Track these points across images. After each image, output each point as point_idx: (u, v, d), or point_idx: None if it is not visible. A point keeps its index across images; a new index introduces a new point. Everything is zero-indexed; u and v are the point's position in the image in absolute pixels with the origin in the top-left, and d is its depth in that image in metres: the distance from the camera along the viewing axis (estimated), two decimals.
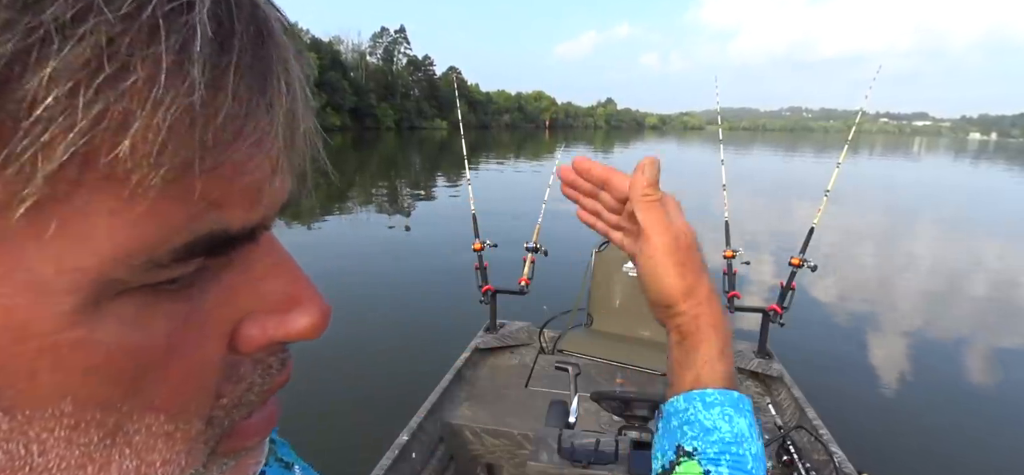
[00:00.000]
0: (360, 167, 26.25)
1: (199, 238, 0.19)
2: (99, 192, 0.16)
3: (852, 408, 4.07)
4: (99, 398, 0.19)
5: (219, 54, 0.18)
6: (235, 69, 0.18)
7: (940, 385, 4.78)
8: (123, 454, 0.21)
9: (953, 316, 6.55)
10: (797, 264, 3.01)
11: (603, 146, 57.97)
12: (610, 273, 3.43)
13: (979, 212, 16.24)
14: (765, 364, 3.06)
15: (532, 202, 0.92)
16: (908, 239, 11.42)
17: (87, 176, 0.16)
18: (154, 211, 0.17)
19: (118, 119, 0.16)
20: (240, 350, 0.23)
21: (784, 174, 28.23)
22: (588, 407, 2.51)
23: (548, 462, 1.58)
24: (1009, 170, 36.32)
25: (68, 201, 0.16)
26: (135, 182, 0.17)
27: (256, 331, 0.23)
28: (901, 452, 3.68)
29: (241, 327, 0.23)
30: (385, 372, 4.32)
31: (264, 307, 0.23)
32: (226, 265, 0.22)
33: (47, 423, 0.19)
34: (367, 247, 9.36)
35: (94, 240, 0.17)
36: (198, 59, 0.17)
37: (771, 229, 11.18)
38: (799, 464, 2.24)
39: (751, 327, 3.38)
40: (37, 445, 0.19)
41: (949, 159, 53.39)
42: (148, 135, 0.16)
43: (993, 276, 8.47)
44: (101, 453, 0.20)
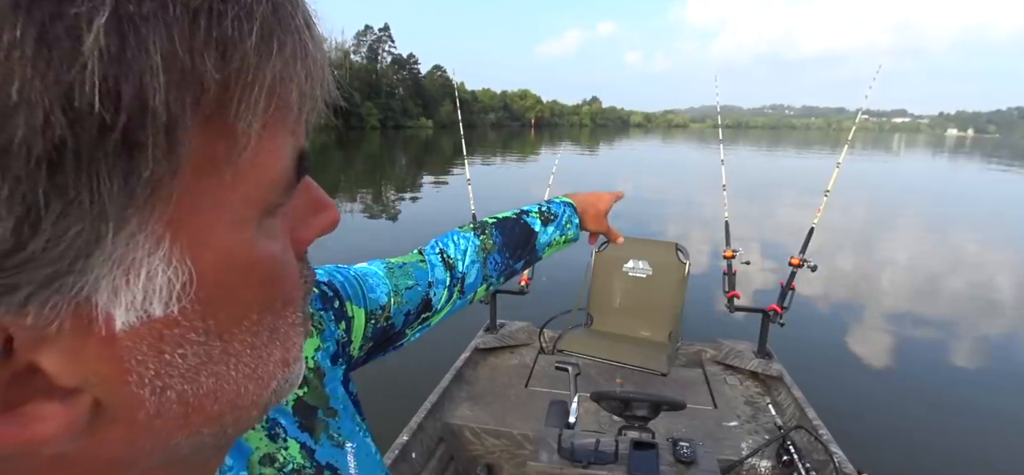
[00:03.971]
0: (346, 166, 26.08)
1: (297, 158, 0.23)
2: (271, 135, 0.21)
3: (852, 408, 4.09)
4: (269, 300, 0.24)
5: (310, 19, 0.22)
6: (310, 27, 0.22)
7: (940, 385, 4.82)
8: (275, 347, 0.24)
9: (953, 316, 6.61)
10: (797, 264, 3.02)
11: (589, 144, 58.11)
12: (610, 273, 3.43)
13: (974, 211, 16.42)
14: (765, 364, 3.07)
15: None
16: (908, 239, 11.53)
17: (271, 118, 0.20)
18: (287, 144, 0.22)
19: (286, 73, 0.20)
20: (298, 254, 0.27)
21: (770, 170, 28.66)
22: (588, 407, 2.51)
23: (548, 462, 1.58)
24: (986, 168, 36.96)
25: (256, 143, 0.20)
26: (292, 120, 0.22)
27: (305, 233, 0.28)
28: (901, 452, 3.70)
29: (294, 232, 0.27)
30: (385, 372, 4.31)
31: (304, 214, 0.28)
32: None
33: (243, 336, 0.23)
34: (367, 248, 9.28)
35: (266, 173, 0.21)
36: (311, 24, 0.22)
37: (763, 226, 11.27)
38: (799, 464, 2.26)
39: (751, 327, 3.39)
40: (235, 358, 0.23)
41: (929, 155, 54.33)
42: (302, 85, 0.21)
43: (994, 276, 8.57)
44: (265, 350, 0.24)
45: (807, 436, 2.45)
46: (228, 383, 0.22)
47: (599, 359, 3.12)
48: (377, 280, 0.61)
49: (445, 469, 2.57)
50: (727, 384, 3.05)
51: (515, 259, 0.79)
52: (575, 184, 1.39)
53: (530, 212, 0.82)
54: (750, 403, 2.87)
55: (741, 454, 2.40)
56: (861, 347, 5.51)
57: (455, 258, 0.72)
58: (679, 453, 1.58)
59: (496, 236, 0.77)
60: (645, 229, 10.42)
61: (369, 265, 0.64)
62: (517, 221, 0.80)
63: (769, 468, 2.41)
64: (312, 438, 0.43)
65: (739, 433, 2.59)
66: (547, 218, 0.82)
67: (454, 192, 16.05)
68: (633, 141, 73.40)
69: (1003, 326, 6.41)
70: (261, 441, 0.40)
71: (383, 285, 0.61)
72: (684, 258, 3.30)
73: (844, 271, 8.38)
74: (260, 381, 0.24)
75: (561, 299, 3.61)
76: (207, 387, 0.22)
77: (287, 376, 0.26)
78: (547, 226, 0.81)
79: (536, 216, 0.81)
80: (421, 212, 13.53)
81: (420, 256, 0.71)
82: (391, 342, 0.63)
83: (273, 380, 0.25)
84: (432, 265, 0.70)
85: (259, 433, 0.40)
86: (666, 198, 15.70)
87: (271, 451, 0.40)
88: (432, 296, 0.68)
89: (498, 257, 0.76)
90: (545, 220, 0.82)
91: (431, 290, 0.67)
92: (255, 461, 0.38)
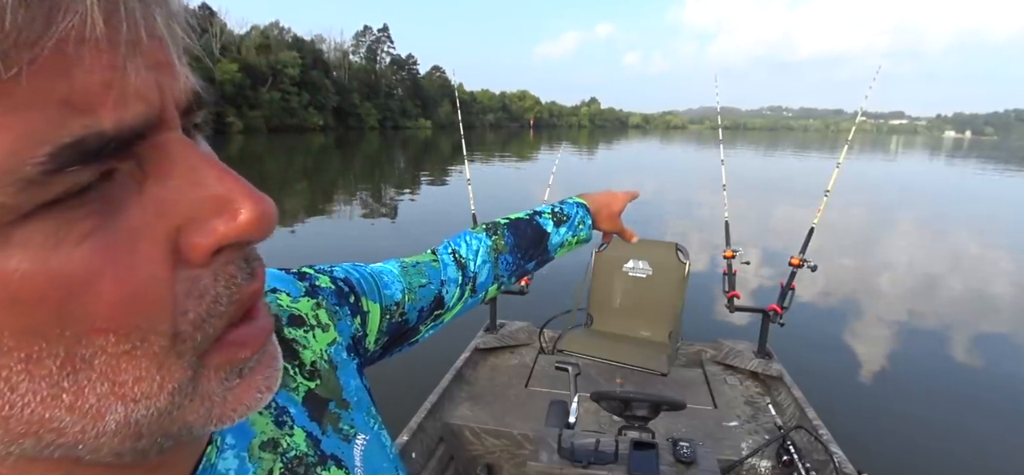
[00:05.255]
0: (345, 166, 26.07)
1: (66, 145, 0.18)
2: None
3: (852, 408, 4.09)
4: (34, 327, 0.20)
5: None
6: None
7: (940, 385, 4.81)
8: (90, 378, 0.21)
9: (953, 316, 6.61)
10: (797, 264, 3.02)
11: (588, 145, 58.13)
12: (610, 273, 3.43)
13: (973, 211, 16.43)
14: (765, 364, 3.07)
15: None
16: (907, 240, 11.54)
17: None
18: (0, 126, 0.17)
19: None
20: (191, 262, 0.23)
21: (769, 171, 28.69)
22: (588, 407, 2.51)
23: (548, 462, 1.58)
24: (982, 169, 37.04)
25: None
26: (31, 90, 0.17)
27: (198, 238, 0.23)
28: (901, 452, 3.70)
29: (182, 239, 0.23)
30: (385, 372, 4.29)
31: (200, 214, 0.23)
32: (141, 177, 0.22)
33: (5, 361, 0.20)
34: (365, 247, 9.27)
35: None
36: None
37: (763, 226, 11.28)
38: (799, 464, 2.25)
39: (751, 327, 3.39)
40: (3, 381, 0.20)
41: (926, 157, 54.37)
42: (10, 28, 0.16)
43: (993, 277, 8.57)
44: (68, 381, 0.21)
45: (807, 436, 2.45)
46: (13, 406, 0.20)
47: (599, 359, 3.12)
48: (392, 278, 0.62)
49: (445, 469, 2.57)
50: (727, 384, 3.05)
51: (527, 259, 0.80)
52: (575, 185, 1.39)
53: (543, 213, 0.83)
54: (750, 403, 2.87)
55: (741, 454, 2.40)
56: (861, 347, 5.50)
57: (467, 258, 0.73)
58: (679, 453, 1.58)
59: (508, 237, 0.78)
60: (645, 229, 10.42)
61: (384, 264, 0.65)
62: (529, 222, 0.81)
63: (769, 468, 2.41)
64: (320, 428, 0.43)
65: (739, 433, 2.59)
66: (560, 219, 0.83)
67: (454, 192, 16.04)
68: (632, 142, 73.42)
69: (1003, 326, 6.41)
70: (267, 426, 0.39)
71: (397, 282, 0.62)
72: (684, 258, 3.30)
73: (844, 271, 8.38)
74: (79, 412, 0.22)
75: (561, 299, 3.61)
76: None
77: (140, 411, 0.23)
78: (560, 227, 0.82)
79: (549, 217, 0.82)
80: (421, 212, 13.51)
81: (433, 256, 0.72)
82: (405, 338, 0.64)
83: (108, 414, 0.22)
84: (444, 264, 0.71)
85: (266, 418, 0.39)
86: (666, 198, 15.71)
87: (275, 437, 0.39)
88: (444, 294, 0.69)
89: (510, 258, 0.77)
90: (558, 221, 0.82)
91: (443, 288, 0.69)
92: (255, 445, 0.37)
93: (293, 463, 0.39)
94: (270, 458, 0.38)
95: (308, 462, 0.40)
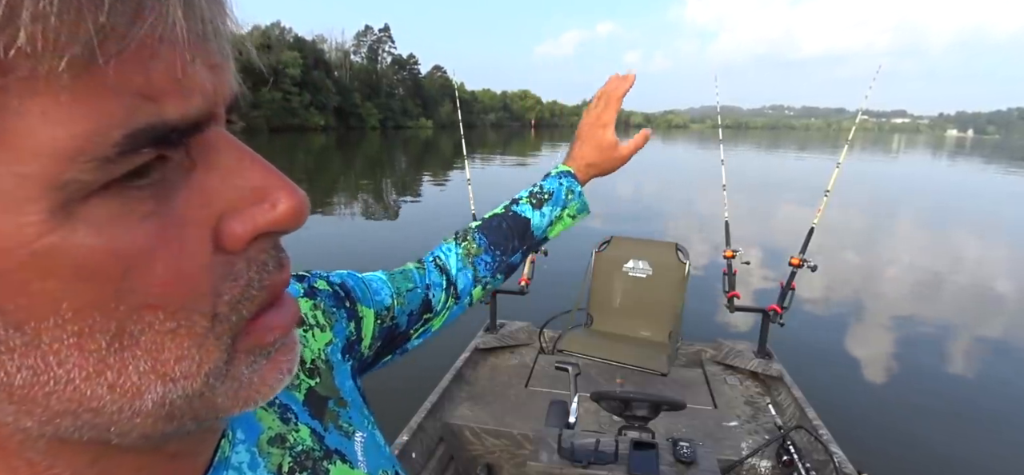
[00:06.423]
0: (346, 166, 26.06)
1: (138, 130, 0.19)
2: (23, 96, 0.17)
3: (852, 408, 4.09)
4: (94, 300, 0.21)
5: None
6: None
7: (941, 384, 4.81)
8: (135, 355, 0.22)
9: (953, 316, 6.59)
10: (797, 264, 3.02)
11: None
12: (610, 273, 3.43)
13: (973, 211, 16.39)
14: (765, 364, 3.07)
15: None
16: (908, 240, 11.52)
17: (5, 80, 0.17)
18: (84, 107, 0.18)
19: (7, 12, 0.16)
20: (228, 248, 0.24)
21: (770, 170, 28.64)
22: (588, 407, 2.51)
23: (548, 462, 1.58)
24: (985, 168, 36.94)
25: (20, 105, 0.17)
26: (45, 73, 0.17)
27: (237, 226, 0.24)
28: (901, 452, 3.69)
29: (222, 225, 0.24)
30: (385, 371, 4.29)
31: (240, 203, 0.25)
32: (190, 166, 0.23)
33: (55, 332, 0.20)
34: (364, 247, 9.28)
35: (35, 143, 0.18)
36: None
37: (763, 226, 11.27)
38: (799, 464, 2.25)
39: (751, 327, 3.38)
40: (53, 356, 0.21)
41: (928, 156, 54.29)
42: (39, 22, 0.17)
43: (994, 277, 8.55)
44: (114, 357, 0.22)
45: (807, 436, 2.45)
46: (57, 382, 0.21)
47: (599, 359, 3.12)
48: (380, 283, 0.64)
49: (445, 469, 2.57)
50: (727, 384, 3.05)
51: (509, 253, 0.78)
52: None
53: (520, 200, 0.80)
54: (750, 403, 2.87)
55: (741, 454, 2.40)
56: (861, 347, 5.50)
57: (447, 264, 0.74)
58: (679, 453, 1.58)
59: (479, 239, 0.76)
60: (645, 229, 10.42)
61: (372, 273, 0.66)
62: (504, 215, 0.78)
63: (769, 468, 2.41)
64: (321, 425, 0.44)
65: (739, 433, 2.59)
66: (540, 200, 0.79)
67: (454, 192, 16.03)
68: None
69: (1003, 326, 6.40)
70: (274, 421, 0.40)
71: (386, 287, 0.64)
72: (684, 258, 3.30)
73: (844, 271, 8.37)
74: (120, 390, 0.22)
75: (561, 299, 3.61)
76: (23, 378, 0.21)
77: (177, 391, 0.24)
78: (541, 208, 0.79)
79: (526, 202, 0.79)
80: (422, 212, 13.52)
81: (418, 263, 0.73)
82: (396, 344, 0.66)
83: (147, 393, 0.23)
84: (429, 269, 0.72)
85: (272, 414, 0.40)
86: (666, 198, 15.71)
87: (282, 432, 0.40)
88: (431, 297, 0.70)
89: (487, 257, 0.76)
90: (538, 202, 0.79)
91: (429, 292, 0.70)
92: (264, 441, 0.38)
93: (301, 457, 0.40)
94: (278, 453, 0.39)
95: (315, 456, 0.41)
